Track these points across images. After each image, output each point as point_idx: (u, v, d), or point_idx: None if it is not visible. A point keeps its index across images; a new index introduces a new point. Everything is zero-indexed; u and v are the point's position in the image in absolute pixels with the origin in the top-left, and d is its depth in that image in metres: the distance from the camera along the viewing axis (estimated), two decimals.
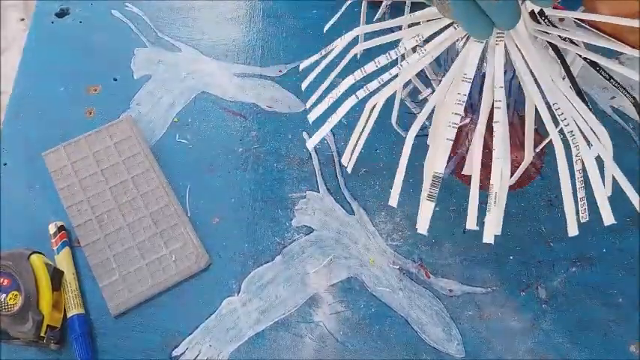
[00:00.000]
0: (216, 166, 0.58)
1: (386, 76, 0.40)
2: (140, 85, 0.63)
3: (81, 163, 0.57)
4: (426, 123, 0.42)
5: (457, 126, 0.37)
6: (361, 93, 0.40)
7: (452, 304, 0.50)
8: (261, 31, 0.67)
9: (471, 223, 0.38)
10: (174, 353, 0.49)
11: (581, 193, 0.39)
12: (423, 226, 0.38)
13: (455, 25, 0.39)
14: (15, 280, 0.46)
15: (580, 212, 0.39)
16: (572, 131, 0.37)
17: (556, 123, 0.38)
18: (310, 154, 0.58)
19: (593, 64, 0.40)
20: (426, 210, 0.38)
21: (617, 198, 0.54)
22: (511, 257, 0.52)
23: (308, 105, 0.45)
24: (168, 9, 0.69)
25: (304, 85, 0.46)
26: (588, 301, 0.50)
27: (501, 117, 0.37)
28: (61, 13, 0.68)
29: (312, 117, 0.42)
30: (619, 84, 0.40)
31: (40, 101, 0.62)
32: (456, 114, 0.37)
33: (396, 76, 0.41)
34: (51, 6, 0.69)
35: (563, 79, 0.40)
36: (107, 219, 0.54)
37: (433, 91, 0.52)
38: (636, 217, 0.54)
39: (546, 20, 0.40)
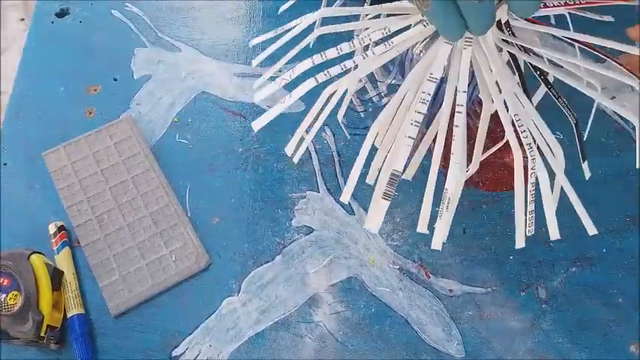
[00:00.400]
0: (216, 166, 0.58)
1: (349, 63, 0.39)
2: (140, 85, 0.63)
3: (81, 163, 0.57)
4: (370, 123, 0.42)
5: (419, 125, 0.36)
6: (321, 77, 0.39)
7: (452, 304, 0.50)
8: (261, 31, 0.67)
9: (422, 227, 0.38)
10: (174, 353, 0.49)
11: (530, 207, 0.39)
12: (374, 224, 0.38)
13: (424, 23, 0.38)
14: (15, 280, 0.46)
15: (527, 225, 0.39)
16: (529, 144, 0.38)
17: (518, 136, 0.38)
18: (310, 154, 0.58)
19: (545, 80, 0.40)
20: (378, 208, 0.37)
21: (617, 198, 0.55)
22: (511, 257, 0.52)
23: (255, 86, 0.43)
24: (169, 9, 0.69)
25: (254, 62, 0.45)
26: (588, 301, 0.50)
27: (461, 122, 0.37)
28: (61, 13, 0.68)
29: (257, 98, 0.41)
30: (565, 102, 0.40)
31: (40, 101, 0.62)
32: (419, 112, 0.37)
33: (357, 66, 0.40)
34: (51, 6, 0.69)
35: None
36: (107, 219, 0.54)
37: (378, 93, 0.53)
38: (636, 217, 0.54)
39: (509, 30, 0.40)
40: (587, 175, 0.43)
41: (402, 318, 0.50)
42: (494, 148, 0.46)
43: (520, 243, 0.39)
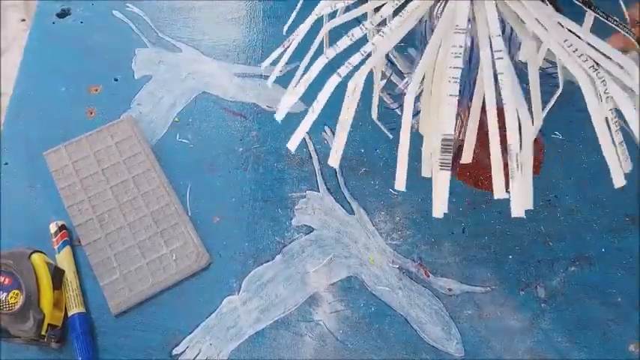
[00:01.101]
0: (217, 165, 0.58)
1: (368, 47, 0.36)
2: (141, 85, 0.63)
3: (82, 162, 0.57)
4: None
5: (458, 80, 0.33)
6: (343, 70, 0.36)
7: (451, 303, 0.50)
8: (262, 31, 0.67)
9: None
10: (175, 352, 0.49)
11: (618, 137, 0.34)
12: (439, 206, 0.33)
13: None
14: (16, 278, 0.46)
15: (621, 160, 0.34)
16: (592, 66, 0.33)
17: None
18: (310, 153, 0.58)
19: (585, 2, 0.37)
20: (442, 183, 0.33)
21: (617, 198, 0.55)
22: (510, 257, 0.52)
23: (282, 103, 0.39)
24: (169, 9, 0.69)
25: (269, 82, 0.43)
26: (587, 301, 0.50)
27: (505, 68, 0.33)
28: (62, 14, 0.69)
29: (279, 115, 0.38)
30: (616, 20, 0.37)
31: (42, 101, 0.62)
32: (455, 68, 0.33)
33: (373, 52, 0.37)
34: (52, 6, 0.69)
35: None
36: (108, 218, 0.54)
37: (407, 84, 0.50)
38: (636, 216, 0.54)
39: None
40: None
41: (402, 317, 0.50)
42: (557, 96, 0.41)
43: (619, 181, 0.33)
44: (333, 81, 0.36)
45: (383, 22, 0.38)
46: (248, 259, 0.53)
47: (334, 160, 0.37)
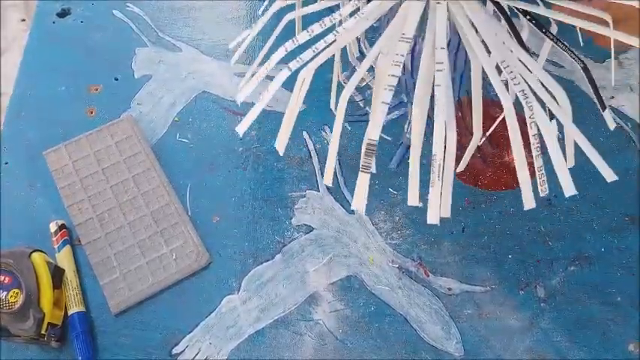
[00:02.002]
0: (217, 165, 0.58)
1: (321, 45, 0.37)
2: (141, 84, 0.63)
3: (82, 162, 0.57)
4: (367, 109, 0.39)
5: (393, 89, 0.34)
6: (294, 64, 0.37)
7: (451, 302, 0.50)
8: (262, 31, 0.67)
9: (413, 199, 0.34)
10: (175, 351, 0.49)
11: (538, 162, 0.35)
12: (357, 202, 0.34)
13: None
14: (16, 277, 0.46)
15: (539, 184, 0.35)
16: (523, 90, 0.34)
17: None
18: (310, 153, 0.58)
19: (536, 24, 0.37)
20: (361, 184, 0.34)
21: (616, 198, 0.55)
22: (510, 256, 0.52)
23: (240, 86, 0.41)
24: (169, 9, 0.69)
25: (232, 61, 0.45)
26: (587, 300, 0.50)
27: (443, 81, 0.34)
28: (62, 13, 0.69)
29: (239, 98, 0.39)
30: (566, 46, 0.38)
31: (42, 101, 0.62)
32: (392, 76, 0.34)
33: (332, 42, 0.38)
34: (52, 6, 0.69)
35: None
36: (108, 217, 0.54)
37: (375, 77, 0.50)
38: (635, 216, 0.54)
39: None
40: (611, 125, 0.39)
41: (401, 316, 0.50)
42: (497, 121, 0.43)
43: (530, 204, 0.35)
44: (282, 75, 0.37)
45: (341, 22, 0.39)
46: (248, 259, 0.53)
47: (280, 146, 0.38)
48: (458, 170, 0.37)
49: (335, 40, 0.37)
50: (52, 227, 0.53)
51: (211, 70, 0.64)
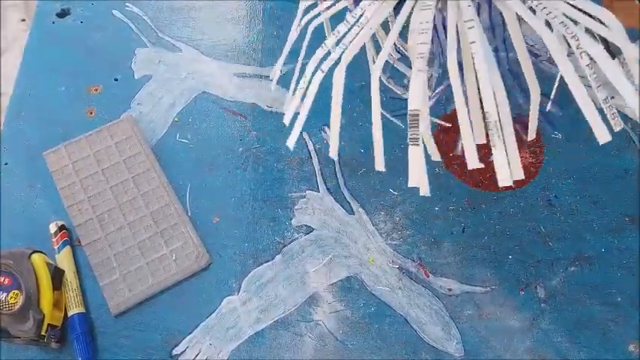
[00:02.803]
0: (217, 165, 0.58)
1: (347, 40, 0.37)
2: (141, 85, 0.63)
3: (82, 162, 0.57)
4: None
5: (424, 55, 0.33)
6: (326, 65, 0.37)
7: (451, 303, 0.50)
8: (261, 31, 0.67)
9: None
10: (175, 352, 0.49)
11: (602, 94, 0.32)
12: (414, 179, 0.32)
13: None
14: (16, 279, 0.46)
15: (610, 118, 0.32)
16: (563, 22, 0.32)
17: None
18: (310, 153, 0.58)
19: None
20: (413, 157, 0.32)
21: (616, 198, 0.55)
22: (510, 257, 0.52)
23: (285, 108, 0.41)
24: (169, 9, 0.69)
25: (273, 86, 0.45)
26: (587, 301, 0.50)
27: (477, 37, 0.33)
28: (62, 14, 0.69)
29: (287, 119, 0.39)
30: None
31: (41, 101, 0.62)
32: (422, 44, 0.33)
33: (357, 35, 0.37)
34: (52, 6, 0.69)
35: None
36: (108, 218, 0.54)
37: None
38: (635, 216, 0.54)
39: None
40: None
41: (402, 317, 0.50)
42: None
43: (604, 137, 0.31)
44: (317, 79, 0.37)
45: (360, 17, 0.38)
46: (248, 259, 0.53)
47: (333, 153, 0.37)
48: (529, 138, 0.35)
49: (359, 33, 0.37)
50: (52, 228, 0.53)
51: (211, 71, 0.64)
